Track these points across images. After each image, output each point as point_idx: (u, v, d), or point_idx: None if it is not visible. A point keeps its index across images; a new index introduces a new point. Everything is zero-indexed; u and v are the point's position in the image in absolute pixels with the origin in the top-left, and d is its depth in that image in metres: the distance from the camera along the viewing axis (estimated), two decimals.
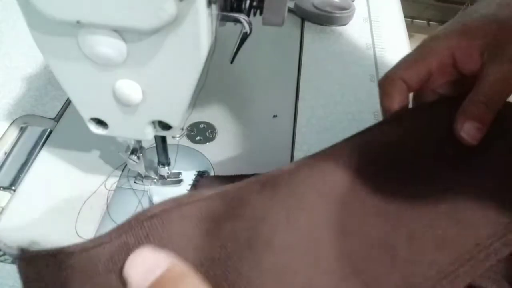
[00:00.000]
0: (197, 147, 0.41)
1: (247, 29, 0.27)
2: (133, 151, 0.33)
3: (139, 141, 0.33)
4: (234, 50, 0.30)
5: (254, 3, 0.27)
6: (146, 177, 0.37)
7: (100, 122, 0.29)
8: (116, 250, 0.21)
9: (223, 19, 0.26)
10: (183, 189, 0.37)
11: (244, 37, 0.28)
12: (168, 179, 0.38)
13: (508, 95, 0.30)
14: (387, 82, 0.34)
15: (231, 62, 0.31)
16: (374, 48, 0.55)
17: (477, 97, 0.30)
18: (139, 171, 0.36)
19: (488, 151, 0.30)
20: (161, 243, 0.21)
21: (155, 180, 0.37)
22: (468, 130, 0.29)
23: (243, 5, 0.27)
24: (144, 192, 0.37)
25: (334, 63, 0.52)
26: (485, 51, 0.32)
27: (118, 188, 0.37)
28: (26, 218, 0.35)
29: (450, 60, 0.33)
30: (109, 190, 0.37)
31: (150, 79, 0.25)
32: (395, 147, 0.30)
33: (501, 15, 0.33)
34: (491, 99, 0.30)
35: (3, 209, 0.35)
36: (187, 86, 0.25)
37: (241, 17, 0.26)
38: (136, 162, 0.34)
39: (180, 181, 0.38)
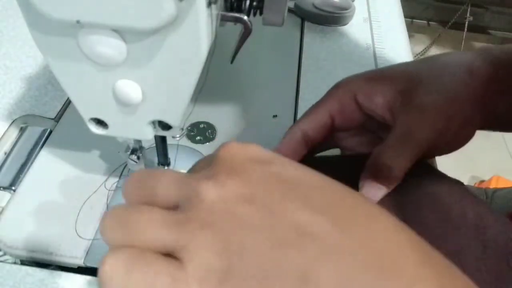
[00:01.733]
0: (197, 147, 0.41)
1: (247, 29, 0.27)
2: (133, 151, 0.33)
3: (139, 141, 0.33)
4: (234, 50, 0.30)
5: (254, 3, 0.27)
6: None
7: (100, 122, 0.29)
8: None
9: (223, 19, 0.26)
10: None
11: (244, 37, 0.28)
12: None
13: (418, 146, 0.29)
14: (286, 133, 0.33)
15: (231, 62, 0.31)
16: (374, 48, 0.55)
17: (380, 156, 0.29)
18: None
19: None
20: None
21: None
22: (367, 191, 0.30)
23: (243, 5, 0.27)
24: None
25: (334, 63, 0.52)
26: (393, 99, 0.31)
27: (118, 188, 0.37)
28: (26, 218, 0.35)
29: (352, 104, 0.32)
30: (109, 190, 0.37)
31: (150, 79, 0.25)
32: None
33: (411, 65, 0.33)
34: (395, 159, 0.29)
35: (3, 209, 0.35)
36: (187, 86, 0.25)
37: (241, 17, 0.26)
38: (136, 162, 0.34)
39: None
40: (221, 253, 0.19)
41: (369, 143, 0.35)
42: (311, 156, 0.34)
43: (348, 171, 0.31)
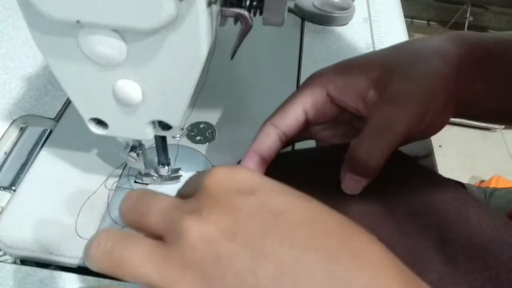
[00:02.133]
0: (197, 147, 0.41)
1: (248, 24, 0.27)
2: (132, 148, 0.33)
3: (138, 140, 0.33)
4: (235, 46, 0.30)
5: (254, 3, 0.27)
6: (146, 174, 0.37)
7: (100, 122, 0.29)
8: None
9: (223, 15, 0.26)
10: None
11: (245, 33, 0.28)
12: (168, 177, 0.38)
13: (394, 138, 0.29)
14: (260, 129, 0.33)
15: (231, 58, 0.31)
16: (374, 48, 0.55)
17: (357, 150, 0.29)
18: (139, 168, 0.36)
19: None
20: None
21: (155, 178, 0.37)
22: (347, 184, 0.30)
23: (243, 5, 0.27)
24: None
25: (334, 63, 0.52)
26: (366, 90, 0.30)
27: (118, 188, 0.37)
28: (26, 218, 0.35)
29: (324, 98, 0.32)
30: (109, 190, 0.37)
31: (150, 79, 0.25)
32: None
33: (383, 53, 0.32)
34: (371, 152, 0.29)
35: (3, 209, 0.35)
36: (187, 86, 0.25)
37: (242, 12, 0.26)
38: (136, 159, 0.34)
39: (179, 177, 0.38)
40: None
41: (344, 134, 0.35)
42: (286, 147, 0.34)
43: (328, 164, 0.32)
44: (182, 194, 0.24)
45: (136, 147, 0.33)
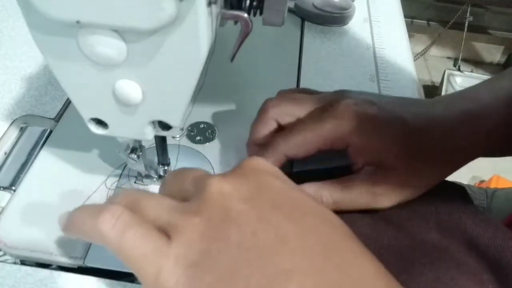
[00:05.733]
0: (197, 147, 0.41)
1: (247, 27, 0.27)
2: (133, 150, 0.33)
3: (138, 141, 0.33)
4: (234, 49, 0.30)
5: (254, 3, 0.27)
6: (146, 176, 0.37)
7: (100, 122, 0.29)
8: None
9: (223, 17, 0.26)
10: None
11: (245, 35, 0.28)
12: None
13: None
14: (266, 152, 0.33)
15: (231, 60, 0.31)
16: (374, 48, 0.55)
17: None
18: (139, 170, 0.36)
19: None
20: None
21: (155, 179, 0.37)
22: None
23: (243, 5, 0.27)
24: None
25: (334, 63, 0.52)
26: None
27: (118, 188, 0.37)
28: (26, 218, 0.35)
29: (341, 145, 0.32)
30: (109, 189, 0.37)
31: (150, 79, 0.25)
32: None
33: (410, 117, 0.32)
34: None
35: (3, 209, 0.35)
36: (187, 86, 0.25)
37: (241, 14, 0.26)
38: (136, 161, 0.34)
39: None
40: (204, 239, 0.21)
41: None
42: None
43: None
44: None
45: (136, 148, 0.33)
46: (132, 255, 0.21)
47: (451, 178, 0.34)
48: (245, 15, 0.27)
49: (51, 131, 0.42)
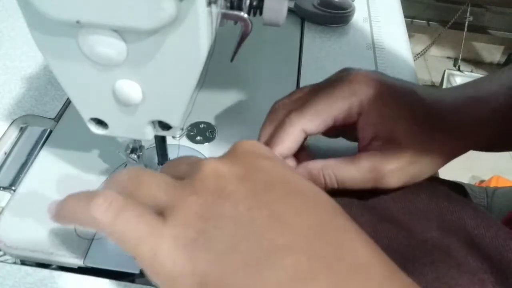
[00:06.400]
0: (197, 147, 0.41)
1: (247, 28, 0.27)
2: (133, 150, 0.33)
3: (138, 141, 0.33)
4: (234, 49, 0.30)
5: (254, 3, 0.27)
6: None
7: (100, 122, 0.29)
8: None
9: (223, 18, 0.26)
10: None
11: (245, 36, 0.28)
12: None
13: None
14: (283, 130, 0.31)
15: (231, 60, 0.31)
16: (374, 48, 0.55)
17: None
18: None
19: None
20: None
21: None
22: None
23: (243, 5, 0.27)
24: None
25: (334, 63, 0.52)
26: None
27: None
28: (26, 218, 0.35)
29: (354, 117, 0.31)
30: None
31: (150, 79, 0.25)
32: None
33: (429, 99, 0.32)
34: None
35: (3, 209, 0.35)
36: (187, 86, 0.25)
37: (241, 15, 0.26)
38: (136, 161, 0.34)
39: None
40: (200, 217, 0.21)
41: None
42: None
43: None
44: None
45: (136, 149, 0.33)
46: (127, 238, 0.21)
47: (451, 177, 0.34)
48: (245, 15, 0.27)
49: (51, 131, 0.42)
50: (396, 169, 0.30)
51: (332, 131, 0.33)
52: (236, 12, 0.26)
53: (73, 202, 0.24)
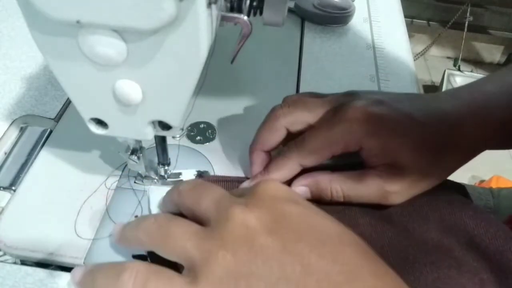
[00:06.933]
0: (197, 147, 0.41)
1: (247, 29, 0.27)
2: (133, 151, 0.33)
3: (139, 141, 0.33)
4: (235, 51, 0.30)
5: (254, 3, 0.27)
6: (146, 177, 0.37)
7: (100, 122, 0.29)
8: None
9: (223, 20, 0.26)
10: None
11: (245, 38, 0.28)
12: (168, 179, 0.38)
13: None
14: (281, 161, 0.33)
15: (232, 62, 0.31)
16: (374, 48, 0.55)
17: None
18: (139, 171, 0.36)
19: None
20: None
21: (155, 180, 0.37)
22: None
23: (243, 5, 0.27)
24: (144, 192, 0.37)
25: (334, 63, 0.52)
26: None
27: (118, 188, 0.37)
28: (26, 218, 0.35)
29: (355, 148, 0.32)
30: (109, 189, 0.37)
31: (150, 79, 0.25)
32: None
33: (428, 128, 0.32)
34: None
35: (3, 209, 0.35)
36: (187, 86, 0.25)
37: (241, 17, 0.26)
38: (136, 162, 0.34)
39: (178, 174, 0.38)
40: (231, 275, 0.21)
41: None
42: None
43: None
44: (234, 194, 0.27)
45: (136, 150, 0.33)
46: None
47: (451, 178, 0.34)
48: (245, 18, 0.27)
49: (51, 131, 0.42)
50: (401, 190, 0.31)
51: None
52: (236, 15, 0.26)
53: (102, 280, 0.24)
